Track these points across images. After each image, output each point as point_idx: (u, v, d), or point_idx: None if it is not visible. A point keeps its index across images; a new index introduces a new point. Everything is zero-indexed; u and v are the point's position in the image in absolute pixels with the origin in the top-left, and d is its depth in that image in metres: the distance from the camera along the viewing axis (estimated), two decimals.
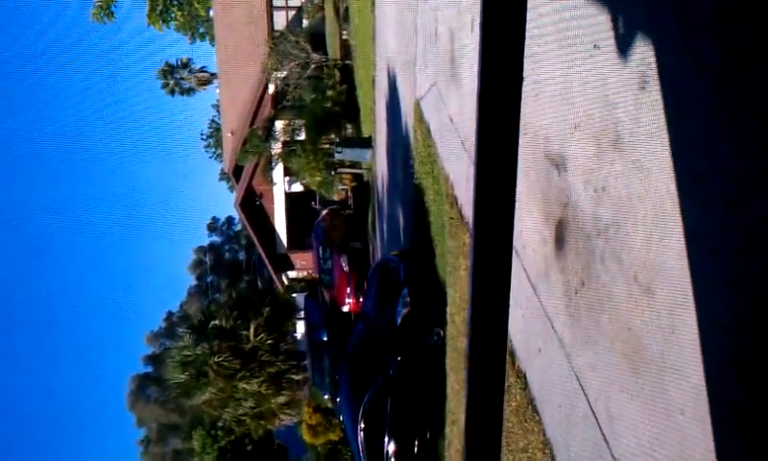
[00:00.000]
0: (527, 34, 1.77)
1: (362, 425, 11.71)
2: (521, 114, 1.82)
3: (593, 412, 5.17)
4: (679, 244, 3.98)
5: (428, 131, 11.89)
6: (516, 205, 1.89)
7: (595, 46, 5.08)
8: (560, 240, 5.91)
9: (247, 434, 27.62)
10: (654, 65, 4.24)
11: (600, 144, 5.03)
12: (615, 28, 4.82)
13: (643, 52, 4.38)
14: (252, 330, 22.09)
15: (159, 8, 37.92)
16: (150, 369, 66.68)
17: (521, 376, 6.80)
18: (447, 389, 10.38)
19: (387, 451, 11.20)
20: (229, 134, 35.84)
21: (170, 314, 69.62)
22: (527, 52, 1.78)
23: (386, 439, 11.19)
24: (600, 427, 5.04)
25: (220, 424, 29.14)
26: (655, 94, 4.24)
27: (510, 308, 1.92)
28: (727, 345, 3.65)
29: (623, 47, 4.71)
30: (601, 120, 5.01)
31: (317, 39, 29.51)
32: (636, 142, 4.55)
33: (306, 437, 27.52)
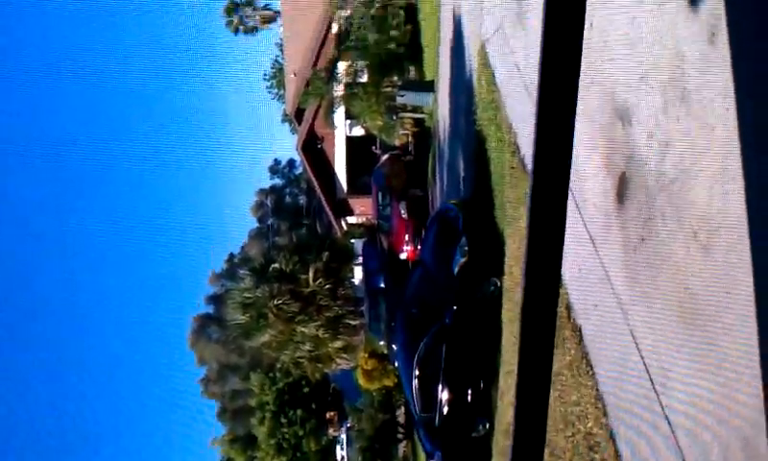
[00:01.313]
0: None
1: (416, 372, 11.84)
2: (589, 62, 1.82)
3: (646, 368, 5.14)
4: (740, 203, 3.90)
5: (492, 76, 11.73)
6: (579, 157, 1.90)
7: None
8: (621, 194, 5.83)
9: (304, 377, 28.14)
10: (724, 19, 4.10)
11: (666, 97, 4.92)
12: None
13: (714, 4, 4.24)
14: (311, 275, 22.35)
15: None
16: (211, 309, 68.15)
17: (577, 330, 6.78)
18: (503, 339, 10.40)
19: (440, 399, 11.31)
20: (292, 76, 35.81)
21: (232, 256, 70.79)
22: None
23: (440, 386, 11.30)
24: (653, 383, 5.02)
25: (278, 365, 29.71)
26: (723, 49, 4.11)
27: (568, 263, 1.94)
28: None
29: None
30: (668, 73, 4.89)
31: None
32: (702, 98, 4.43)
33: (362, 382, 27.89)
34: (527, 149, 9.31)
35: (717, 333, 4.16)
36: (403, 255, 22.90)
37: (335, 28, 30.93)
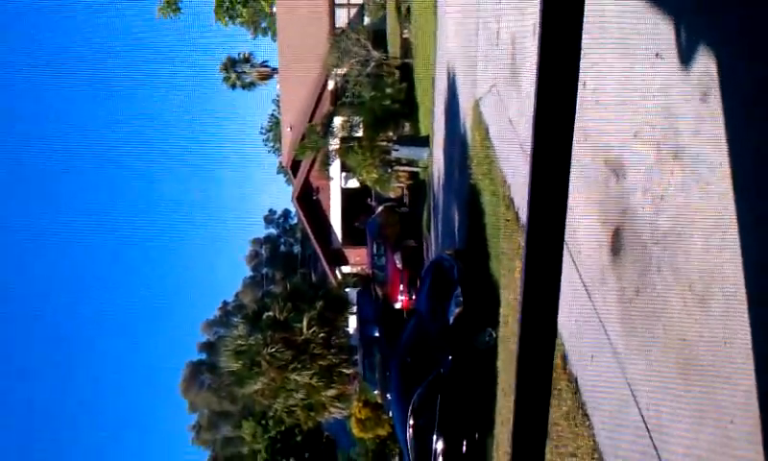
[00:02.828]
0: (590, 41, 1.85)
1: (411, 422, 11.81)
2: (583, 120, 1.91)
3: (644, 420, 5.20)
4: (735, 256, 4.00)
5: (486, 132, 11.93)
6: (574, 210, 1.98)
7: (658, 55, 5.10)
8: (616, 247, 5.94)
9: (296, 425, 27.92)
10: (716, 78, 4.26)
11: (660, 153, 5.06)
12: (678, 38, 4.84)
13: (706, 64, 4.40)
14: (305, 323, 22.33)
15: (226, 4, 38.48)
16: (204, 356, 67.76)
17: (573, 381, 6.83)
18: (498, 390, 10.42)
19: (435, 449, 11.27)
20: (288, 129, 36.23)
21: (225, 303, 70.69)
22: (588, 60, 1.87)
23: (434, 437, 11.26)
24: (650, 435, 5.07)
25: (270, 413, 29.50)
26: (716, 106, 4.26)
27: (564, 314, 2.02)
28: None
29: (686, 58, 4.73)
30: (661, 129, 5.04)
31: (378, 37, 29.66)
32: (695, 153, 4.57)
33: (355, 431, 27.70)
34: (521, 202, 9.45)
35: (716, 385, 4.23)
36: (398, 305, 22.95)
37: (331, 84, 31.42)
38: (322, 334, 22.39)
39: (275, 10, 38.40)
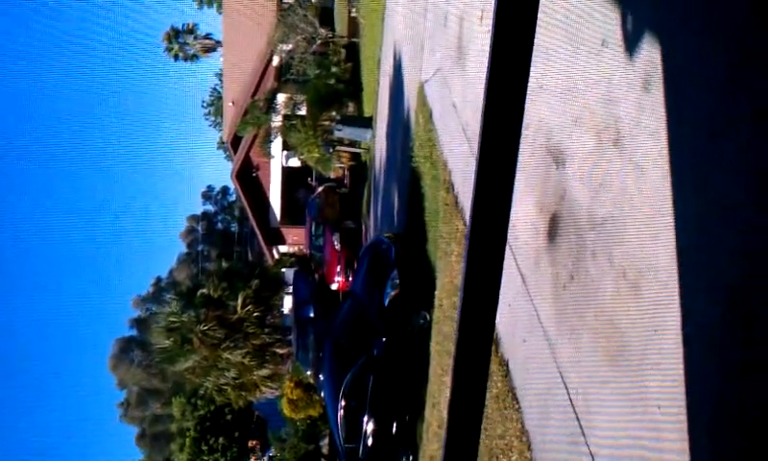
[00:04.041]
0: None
1: (342, 403, 11.78)
2: (525, 106, 1.86)
3: (572, 404, 5.23)
4: (670, 246, 4.03)
5: (430, 115, 11.90)
6: (513, 197, 1.93)
7: (604, 42, 5.11)
8: (553, 233, 5.96)
9: (227, 404, 27.69)
10: (659, 67, 4.27)
11: (600, 140, 5.08)
12: (625, 26, 4.85)
13: (650, 53, 4.41)
14: (239, 302, 22.12)
15: None
16: (135, 332, 66.66)
17: (504, 364, 6.86)
18: (430, 372, 10.45)
19: (365, 430, 11.27)
20: (230, 104, 35.71)
21: (158, 280, 69.57)
22: (534, 43, 1.83)
23: (365, 418, 11.26)
24: (578, 418, 5.11)
25: (201, 392, 29.18)
26: (657, 95, 4.27)
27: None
28: (707, 348, 3.70)
29: (631, 46, 4.74)
30: (603, 117, 5.05)
31: (325, 14, 29.40)
32: (635, 141, 4.59)
33: (286, 411, 27.52)
34: (461, 186, 9.46)
35: (644, 372, 4.27)
36: (334, 286, 22.88)
37: (276, 61, 31.02)
38: (256, 313, 22.23)
39: None
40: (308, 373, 22.76)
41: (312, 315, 19.98)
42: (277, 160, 33.88)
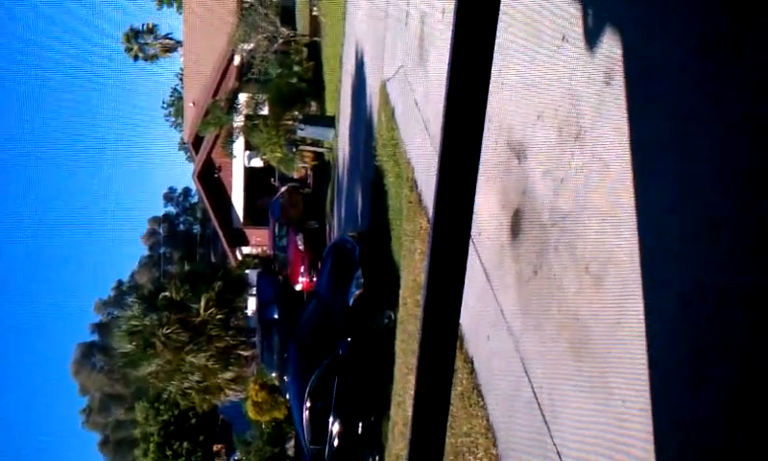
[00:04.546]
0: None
1: (308, 404, 11.71)
2: (488, 101, 1.84)
3: (537, 399, 5.23)
4: (632, 239, 4.03)
5: (392, 113, 11.88)
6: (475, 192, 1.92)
7: (564, 38, 5.11)
8: (515, 228, 5.96)
9: (191, 408, 27.46)
10: (620, 62, 4.28)
11: (562, 135, 5.08)
12: (586, 20, 4.85)
13: (611, 47, 4.42)
14: (202, 304, 21.93)
15: None
16: (96, 337, 65.73)
17: (468, 361, 6.85)
18: (395, 371, 10.42)
19: (331, 431, 11.21)
20: (191, 104, 35.37)
21: (120, 283, 68.66)
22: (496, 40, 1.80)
23: (331, 419, 11.21)
24: (543, 414, 5.11)
25: (165, 396, 28.89)
26: (619, 90, 4.28)
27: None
28: (670, 340, 3.71)
29: (591, 41, 4.75)
30: (564, 112, 5.05)
31: (286, 13, 29.24)
32: (597, 136, 4.59)
33: (251, 414, 27.37)
34: (424, 184, 9.44)
35: (608, 366, 4.27)
36: (299, 287, 22.77)
37: (237, 60, 30.80)
38: (219, 316, 22.06)
39: None
40: (273, 375, 22.63)
41: (276, 316, 19.86)
42: (240, 161, 33.64)
